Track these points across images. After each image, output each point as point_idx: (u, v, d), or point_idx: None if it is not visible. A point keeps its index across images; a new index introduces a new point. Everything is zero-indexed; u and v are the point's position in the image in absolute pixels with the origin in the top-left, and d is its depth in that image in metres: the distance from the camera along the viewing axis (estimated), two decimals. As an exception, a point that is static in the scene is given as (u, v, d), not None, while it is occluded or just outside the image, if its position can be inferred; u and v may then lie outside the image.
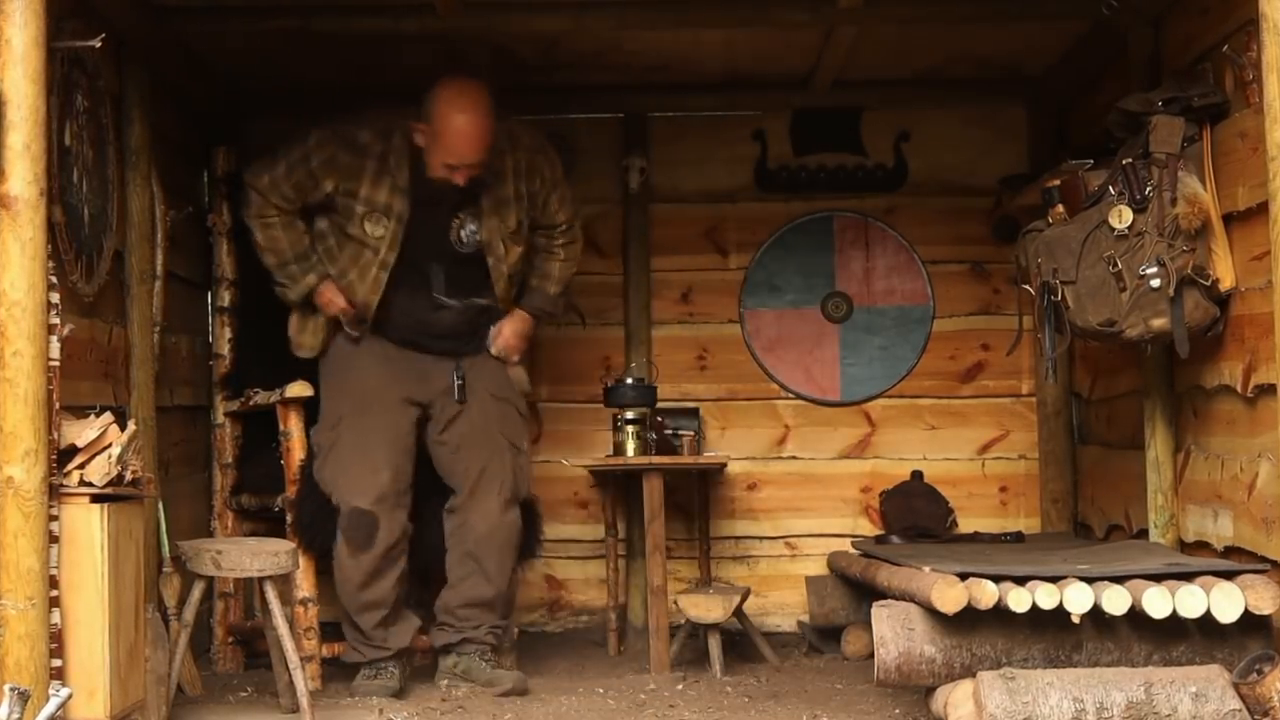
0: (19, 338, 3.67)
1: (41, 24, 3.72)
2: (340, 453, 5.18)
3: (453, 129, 5.05)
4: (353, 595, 5.17)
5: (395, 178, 5.13)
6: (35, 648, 3.67)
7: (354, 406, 5.22)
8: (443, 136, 5.06)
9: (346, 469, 5.16)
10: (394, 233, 5.16)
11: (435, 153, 5.09)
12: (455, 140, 5.05)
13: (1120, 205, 4.55)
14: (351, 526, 5.11)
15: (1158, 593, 4.05)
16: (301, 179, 5.20)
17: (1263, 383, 4.22)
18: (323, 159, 5.17)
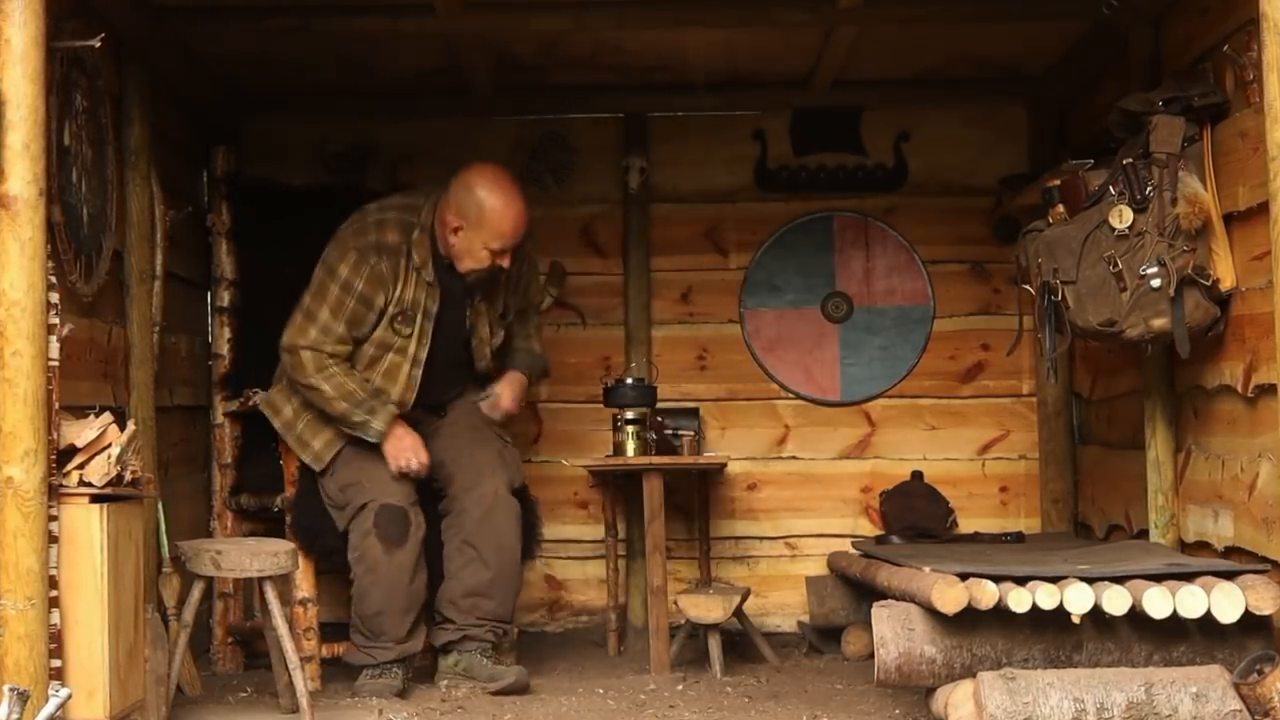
0: (18, 338, 3.67)
1: (41, 23, 3.71)
2: (354, 462, 5.15)
3: (498, 213, 5.09)
4: (396, 595, 5.06)
5: (421, 273, 5.15)
6: (34, 648, 3.67)
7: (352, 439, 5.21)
8: (489, 222, 5.09)
9: (366, 472, 5.13)
10: (423, 329, 5.19)
11: (473, 240, 5.10)
12: (502, 224, 5.10)
13: (1121, 205, 4.54)
14: (386, 523, 5.05)
15: (1158, 593, 4.05)
16: (356, 312, 5.12)
17: (1263, 383, 4.21)
18: (366, 277, 5.10)
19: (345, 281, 5.10)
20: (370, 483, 5.11)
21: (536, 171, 6.49)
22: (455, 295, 5.22)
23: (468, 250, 5.12)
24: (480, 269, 5.15)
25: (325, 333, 5.11)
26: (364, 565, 5.10)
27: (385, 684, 5.05)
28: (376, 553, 5.07)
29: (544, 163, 6.50)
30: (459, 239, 5.12)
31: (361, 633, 5.14)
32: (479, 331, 5.35)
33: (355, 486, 5.12)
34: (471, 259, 5.14)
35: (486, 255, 5.12)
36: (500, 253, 5.13)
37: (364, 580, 5.10)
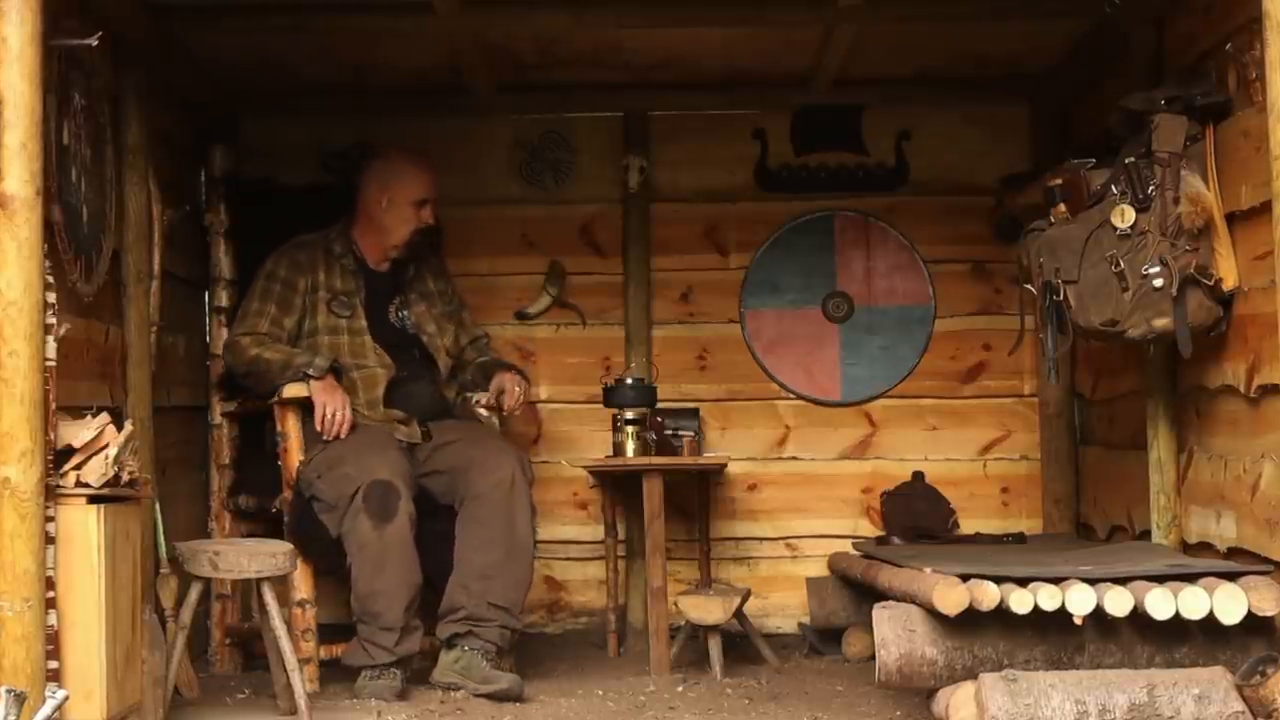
0: (15, 338, 3.65)
1: (38, 22, 3.70)
2: (343, 460, 5.15)
3: (413, 163, 5.61)
4: (388, 572, 5.03)
5: (343, 264, 5.56)
6: (31, 649, 3.65)
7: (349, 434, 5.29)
8: (408, 174, 5.57)
9: (350, 462, 5.13)
10: (366, 309, 5.54)
11: (399, 202, 5.53)
12: (421, 173, 5.59)
13: (1123, 204, 4.53)
14: (373, 499, 5.02)
15: (1160, 594, 4.03)
16: (282, 295, 5.49)
17: (1266, 383, 4.20)
18: (285, 265, 5.53)
19: (269, 272, 5.53)
20: (356, 470, 5.10)
21: (536, 171, 6.48)
22: (383, 292, 5.59)
23: (397, 217, 5.54)
24: (412, 232, 5.54)
25: (259, 316, 5.47)
26: (355, 544, 5.06)
27: (385, 685, 5.02)
28: (365, 530, 5.03)
29: (544, 162, 6.48)
30: (387, 210, 5.53)
31: (361, 620, 5.12)
32: (425, 328, 5.63)
33: (345, 479, 5.10)
34: (402, 224, 5.54)
35: (412, 213, 5.53)
36: (423, 204, 5.55)
37: (356, 560, 5.07)
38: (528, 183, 6.50)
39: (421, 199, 5.55)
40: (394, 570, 5.03)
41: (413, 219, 5.54)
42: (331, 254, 5.57)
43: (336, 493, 5.11)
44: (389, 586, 5.04)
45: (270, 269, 5.54)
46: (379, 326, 5.54)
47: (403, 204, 5.53)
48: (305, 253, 5.56)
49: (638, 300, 6.45)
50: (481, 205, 6.43)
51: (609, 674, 5.51)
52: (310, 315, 5.51)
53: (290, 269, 5.52)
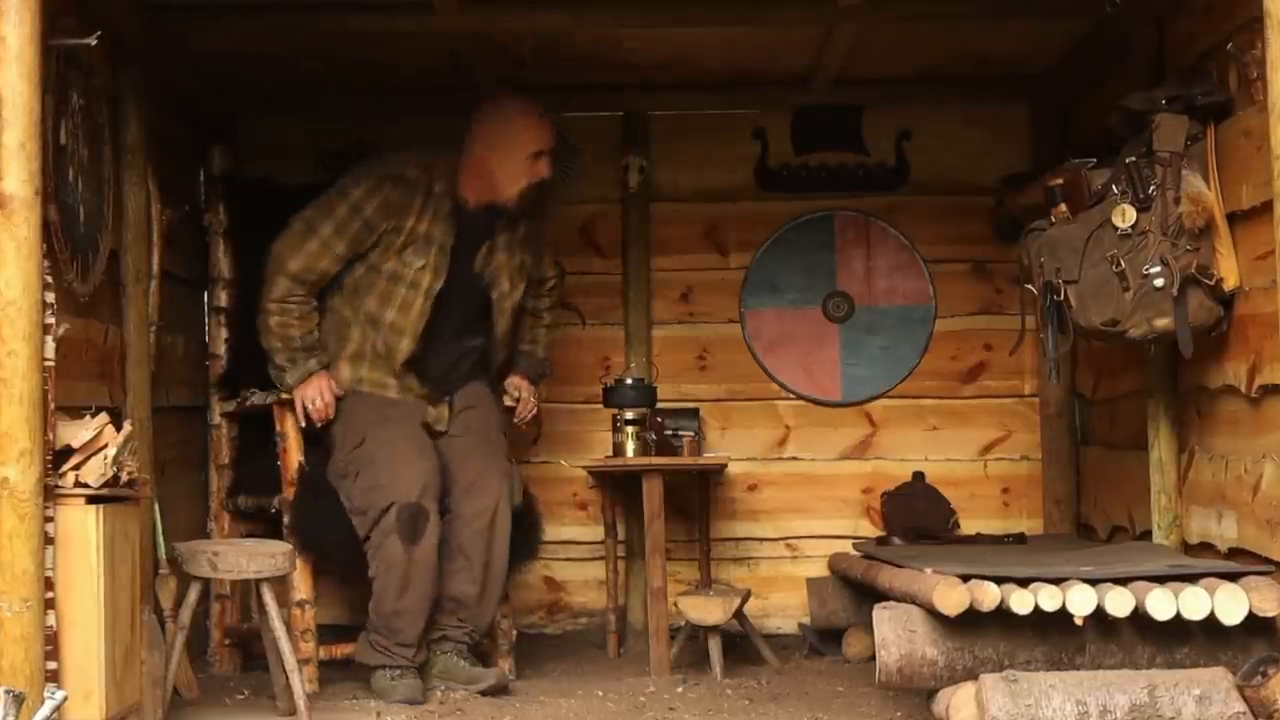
0: (14, 338, 3.65)
1: (37, 21, 3.69)
2: (375, 463, 5.12)
3: (528, 114, 5.30)
4: (414, 592, 5.03)
5: (439, 209, 5.25)
6: (30, 650, 3.65)
7: (375, 424, 5.20)
8: (523, 125, 5.27)
9: (387, 471, 5.08)
10: (436, 262, 5.26)
11: (512, 152, 5.25)
12: (535, 124, 5.29)
13: (1123, 204, 4.52)
14: (406, 520, 5.00)
15: (1161, 595, 4.03)
16: (358, 233, 5.22)
17: (1267, 383, 4.19)
18: (377, 204, 5.22)
19: (355, 203, 5.21)
20: (390, 483, 5.05)
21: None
22: (472, 238, 5.30)
23: (509, 171, 5.26)
24: (526, 187, 5.27)
25: (324, 251, 5.21)
26: (383, 562, 5.05)
27: (411, 684, 5.00)
28: (395, 551, 5.02)
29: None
30: (498, 160, 5.25)
31: (379, 632, 5.09)
32: (499, 284, 5.40)
33: (377, 490, 5.06)
34: (515, 179, 5.26)
35: (527, 166, 5.26)
36: (539, 156, 5.27)
37: (382, 577, 5.06)
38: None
39: (537, 151, 5.29)
40: (417, 590, 5.05)
41: (526, 173, 5.28)
42: (430, 194, 5.27)
43: (366, 502, 5.10)
44: (412, 605, 5.06)
45: (358, 199, 5.22)
46: (459, 277, 5.29)
47: (517, 157, 5.27)
48: (402, 193, 5.23)
49: (638, 300, 6.45)
50: (481, 205, 6.41)
51: (609, 674, 5.50)
52: (376, 253, 5.26)
53: (380, 210, 5.21)
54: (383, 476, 5.08)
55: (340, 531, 5.23)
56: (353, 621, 6.16)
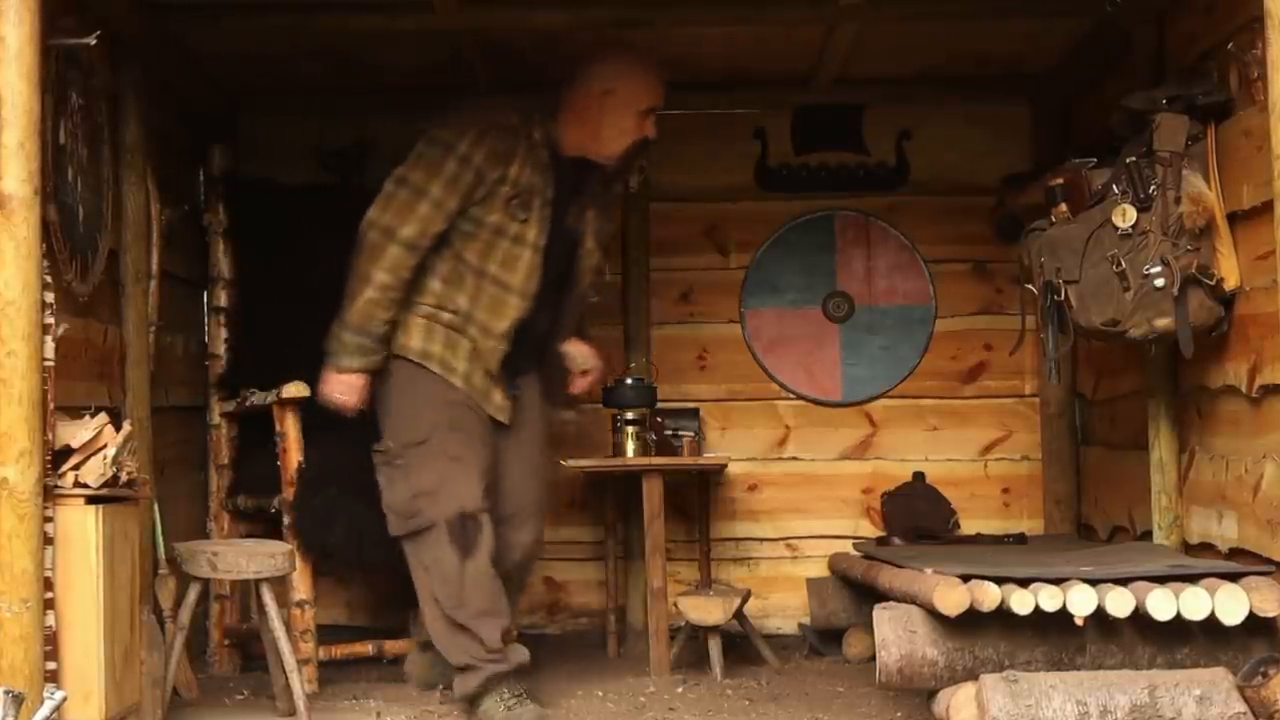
0: (13, 338, 3.65)
1: (36, 21, 3.69)
2: (432, 471, 4.77)
3: (644, 69, 5.01)
4: (470, 603, 4.75)
5: (537, 158, 4.90)
6: (30, 650, 3.65)
7: (443, 427, 4.82)
8: (638, 79, 4.97)
9: (446, 482, 4.76)
10: (541, 215, 4.91)
11: (623, 105, 4.93)
12: (650, 79, 5.00)
13: (1124, 204, 4.52)
14: (462, 532, 4.73)
15: (1162, 595, 4.02)
16: (470, 186, 4.82)
17: (1268, 383, 4.19)
18: (484, 153, 4.83)
19: (463, 154, 4.82)
20: (446, 494, 4.75)
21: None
22: (566, 191, 4.97)
23: (616, 125, 4.94)
24: (631, 144, 4.97)
25: (436, 211, 4.81)
26: (439, 574, 4.76)
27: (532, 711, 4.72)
28: (452, 565, 4.73)
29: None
30: (608, 112, 4.92)
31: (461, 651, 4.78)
32: (585, 243, 5.09)
33: (429, 496, 4.76)
34: (620, 133, 4.95)
35: (635, 122, 4.95)
36: (647, 115, 4.96)
37: (441, 591, 4.77)
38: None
39: (649, 108, 4.96)
40: (479, 596, 4.76)
41: (634, 129, 4.94)
42: (530, 141, 4.90)
43: (414, 507, 4.80)
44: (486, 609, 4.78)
45: (465, 150, 4.82)
46: (554, 234, 4.95)
47: (626, 110, 4.93)
48: (505, 141, 4.85)
49: (637, 300, 6.44)
50: (481, 205, 6.41)
51: (609, 675, 5.50)
52: (483, 208, 4.85)
53: (487, 159, 4.81)
54: (439, 487, 4.76)
55: (340, 532, 5.22)
56: (352, 621, 6.17)
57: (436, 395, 4.86)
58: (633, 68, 5.00)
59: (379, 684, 5.35)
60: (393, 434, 4.88)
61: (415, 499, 4.79)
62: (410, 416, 4.86)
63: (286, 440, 5.33)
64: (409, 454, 4.82)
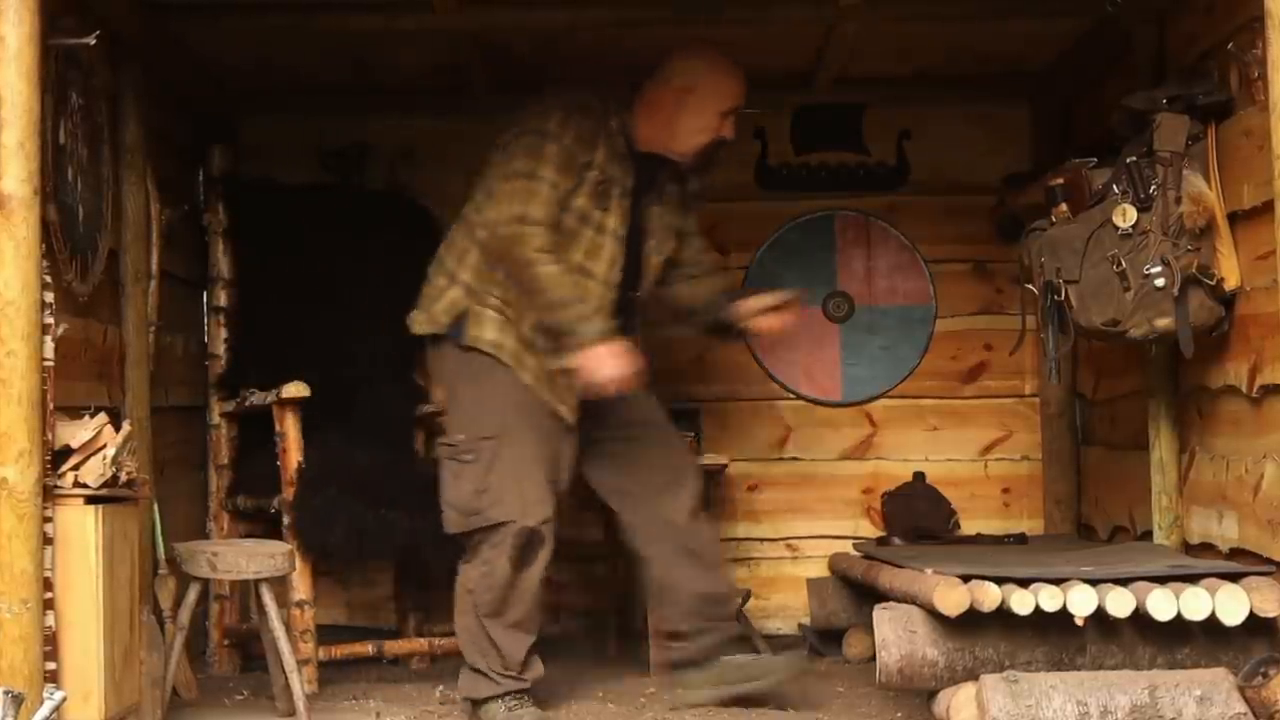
0: (13, 338, 3.65)
1: (36, 21, 3.69)
2: (501, 471, 4.63)
3: (728, 69, 4.88)
4: (508, 615, 4.65)
5: (616, 146, 4.78)
6: (29, 650, 3.65)
7: (516, 425, 4.67)
8: (721, 78, 4.85)
9: (514, 485, 4.63)
10: (621, 205, 4.78)
11: (704, 104, 4.81)
12: (733, 79, 4.87)
13: (1124, 204, 4.52)
14: (524, 545, 4.62)
15: (1162, 595, 4.02)
16: (571, 166, 4.67)
17: (1268, 383, 4.19)
18: (573, 135, 4.69)
19: (556, 136, 4.66)
20: (514, 499, 4.60)
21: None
22: (641, 183, 4.84)
23: (695, 123, 4.81)
24: (708, 143, 4.85)
25: (554, 193, 4.63)
26: (485, 583, 4.64)
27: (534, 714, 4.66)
28: (504, 573, 4.61)
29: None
30: (688, 112, 4.79)
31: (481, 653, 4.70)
32: (653, 234, 4.92)
33: (494, 496, 4.62)
34: (698, 131, 4.82)
35: (714, 121, 4.82)
36: (727, 115, 4.84)
37: (481, 596, 4.66)
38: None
39: (730, 108, 4.84)
40: (516, 611, 4.67)
41: (712, 128, 4.82)
42: (609, 129, 4.77)
43: (478, 504, 4.64)
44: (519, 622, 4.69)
45: (556, 132, 4.66)
46: (630, 227, 4.83)
47: (708, 109, 4.81)
48: (590, 122, 4.72)
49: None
50: (481, 205, 6.40)
51: (609, 675, 5.49)
52: (572, 193, 4.70)
53: (576, 141, 4.69)
54: (508, 490, 4.62)
55: (340, 532, 5.22)
56: (351, 622, 6.17)
57: (508, 388, 4.70)
58: (716, 66, 4.87)
59: (379, 684, 5.35)
60: (462, 426, 4.72)
61: (480, 496, 4.64)
62: (481, 409, 4.70)
63: (286, 440, 5.32)
64: (479, 448, 4.65)
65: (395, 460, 5.60)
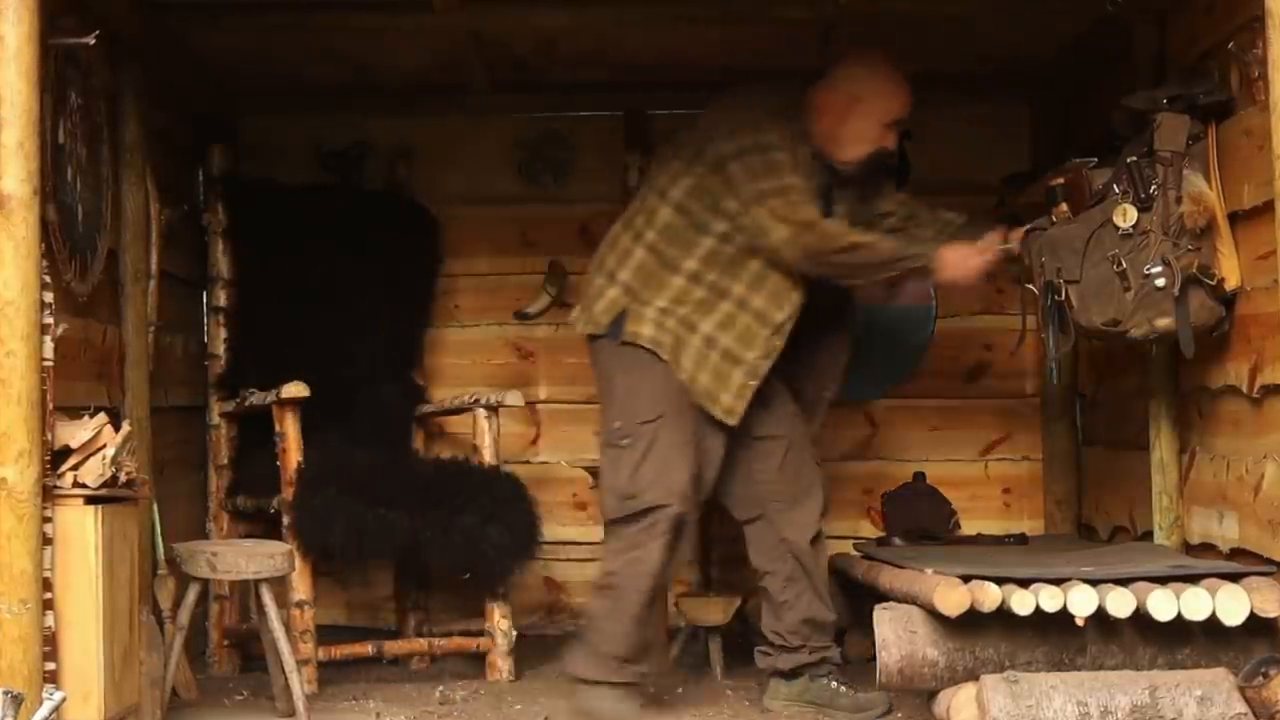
0: (12, 338, 3.65)
1: (35, 20, 3.69)
2: (659, 453, 4.65)
3: (896, 82, 4.83)
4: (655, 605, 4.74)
5: (811, 148, 4.78)
6: (29, 651, 3.65)
7: (674, 411, 4.69)
8: (888, 92, 4.82)
9: (672, 469, 4.64)
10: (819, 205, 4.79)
11: (869, 116, 4.78)
12: (901, 93, 4.83)
13: (1125, 204, 4.50)
14: (675, 530, 4.65)
15: (1162, 595, 4.01)
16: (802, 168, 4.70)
17: (1269, 383, 4.18)
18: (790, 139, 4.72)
19: (779, 145, 4.68)
20: (667, 483, 4.62)
21: (536, 170, 6.46)
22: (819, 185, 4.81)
23: (859, 132, 4.79)
24: (870, 153, 4.83)
25: (806, 184, 4.67)
26: (638, 567, 4.64)
27: (633, 709, 4.69)
28: (657, 559, 4.62)
29: (543, 161, 6.47)
30: (853, 121, 4.77)
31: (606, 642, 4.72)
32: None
33: (650, 479, 4.63)
34: (861, 141, 4.80)
35: (877, 133, 4.80)
36: (891, 127, 4.83)
37: (631, 583, 4.66)
38: (527, 182, 6.48)
39: (895, 121, 4.83)
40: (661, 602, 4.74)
41: (875, 139, 4.81)
42: (804, 133, 4.77)
43: (640, 485, 4.64)
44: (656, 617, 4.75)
45: (777, 141, 4.67)
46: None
47: (872, 120, 4.78)
48: (793, 127, 4.72)
49: (637, 300, 6.42)
50: (481, 204, 6.41)
51: (609, 675, 5.48)
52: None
53: (793, 142, 4.70)
54: (660, 473, 4.63)
55: (340, 532, 5.22)
56: (351, 622, 6.17)
57: (665, 379, 4.71)
58: (885, 78, 4.83)
59: (378, 684, 5.35)
60: (621, 413, 4.73)
61: (643, 477, 4.65)
62: (638, 396, 4.72)
63: (286, 440, 5.31)
64: (638, 432, 4.67)
65: (395, 460, 5.60)
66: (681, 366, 4.70)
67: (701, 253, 4.73)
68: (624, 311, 4.75)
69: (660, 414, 4.68)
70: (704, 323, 4.72)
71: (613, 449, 4.72)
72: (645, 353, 4.72)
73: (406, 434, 5.99)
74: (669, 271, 4.74)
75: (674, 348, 4.71)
